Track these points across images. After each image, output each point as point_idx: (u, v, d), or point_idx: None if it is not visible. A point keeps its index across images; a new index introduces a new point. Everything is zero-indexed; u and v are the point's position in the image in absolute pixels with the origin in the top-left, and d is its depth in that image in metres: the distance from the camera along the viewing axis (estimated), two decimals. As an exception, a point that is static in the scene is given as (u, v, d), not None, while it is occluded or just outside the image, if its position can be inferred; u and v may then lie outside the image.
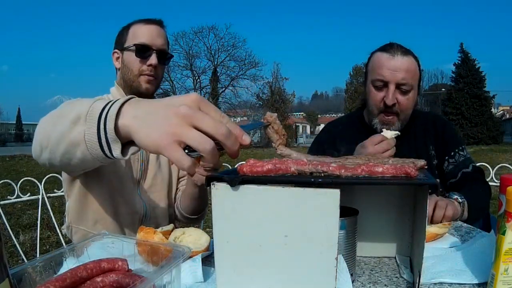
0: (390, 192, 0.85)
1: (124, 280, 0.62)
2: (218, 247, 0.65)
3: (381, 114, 1.42)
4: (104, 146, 0.62)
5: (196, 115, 0.54)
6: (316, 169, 0.63)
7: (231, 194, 0.63)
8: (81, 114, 0.65)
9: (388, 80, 1.36)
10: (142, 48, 1.20)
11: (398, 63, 1.36)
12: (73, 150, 0.68)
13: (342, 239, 0.72)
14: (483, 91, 26.10)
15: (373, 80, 1.41)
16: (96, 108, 0.63)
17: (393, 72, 1.36)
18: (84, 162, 0.70)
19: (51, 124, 0.72)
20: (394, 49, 1.39)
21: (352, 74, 40.35)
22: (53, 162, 0.77)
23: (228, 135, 0.54)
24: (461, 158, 1.48)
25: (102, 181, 1.15)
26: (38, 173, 7.51)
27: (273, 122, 0.71)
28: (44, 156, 0.77)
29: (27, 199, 1.61)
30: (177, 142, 0.53)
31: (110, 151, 0.62)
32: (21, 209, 4.73)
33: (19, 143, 35.34)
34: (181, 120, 0.53)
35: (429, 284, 0.72)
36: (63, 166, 0.79)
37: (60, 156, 0.72)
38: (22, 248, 1.63)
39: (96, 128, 0.62)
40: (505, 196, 0.66)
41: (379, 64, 1.39)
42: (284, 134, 0.73)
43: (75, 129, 0.65)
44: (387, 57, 1.38)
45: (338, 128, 1.63)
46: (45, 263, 0.64)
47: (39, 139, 0.76)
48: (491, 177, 1.79)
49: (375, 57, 1.44)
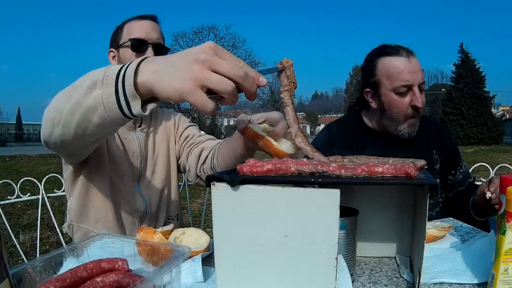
0: (390, 192, 0.85)
1: (124, 280, 0.62)
2: (218, 247, 0.65)
3: (409, 119, 1.39)
4: (123, 105, 0.64)
5: (215, 60, 0.57)
6: (316, 169, 0.63)
7: (231, 194, 0.63)
8: (97, 79, 0.66)
9: (412, 83, 1.34)
10: (137, 42, 1.19)
11: (415, 64, 1.35)
12: (90, 117, 0.69)
13: (342, 239, 0.72)
14: (483, 91, 26.08)
15: (395, 87, 1.36)
16: (112, 71, 0.65)
17: (413, 74, 1.34)
18: (101, 127, 0.71)
19: (64, 98, 0.73)
20: (405, 51, 1.37)
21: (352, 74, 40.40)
22: (66, 137, 0.77)
23: (246, 76, 0.59)
24: (460, 176, 1.54)
25: (103, 180, 1.15)
26: (38, 173, 7.52)
27: (288, 67, 0.70)
28: (56, 133, 0.78)
29: (27, 199, 1.61)
30: (199, 87, 0.57)
31: (129, 109, 0.64)
32: (21, 209, 4.73)
33: (19, 143, 35.35)
34: (201, 66, 0.57)
35: (429, 284, 0.72)
36: (76, 140, 0.79)
37: (74, 128, 0.73)
38: (22, 248, 1.63)
39: (114, 89, 0.64)
40: (505, 196, 0.66)
41: (398, 70, 1.35)
42: (294, 83, 0.71)
43: (92, 94, 0.67)
44: (404, 60, 1.35)
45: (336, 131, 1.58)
46: (45, 263, 0.64)
47: (50, 117, 0.77)
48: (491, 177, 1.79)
49: (388, 63, 1.38)
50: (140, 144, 1.25)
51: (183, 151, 1.33)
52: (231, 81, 0.57)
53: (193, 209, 4.51)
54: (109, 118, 0.67)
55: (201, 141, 1.30)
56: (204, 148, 1.25)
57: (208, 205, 1.84)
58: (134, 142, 1.24)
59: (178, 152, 1.35)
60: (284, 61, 0.71)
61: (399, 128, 1.41)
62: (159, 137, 1.31)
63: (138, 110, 0.64)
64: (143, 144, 1.25)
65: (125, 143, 1.22)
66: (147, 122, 1.29)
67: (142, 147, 1.25)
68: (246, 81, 0.59)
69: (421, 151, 1.48)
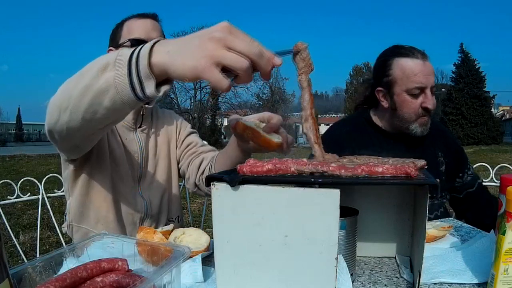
0: (390, 192, 0.85)
1: (124, 280, 0.62)
2: (218, 247, 0.65)
3: (420, 118, 1.42)
4: (136, 86, 0.64)
5: (230, 38, 0.58)
6: (316, 169, 0.63)
7: (231, 194, 0.63)
8: (109, 61, 0.66)
9: (426, 85, 1.37)
10: (137, 42, 1.17)
11: (429, 67, 1.38)
12: (100, 100, 0.68)
13: (342, 239, 0.72)
14: (483, 91, 26.08)
15: (409, 89, 1.39)
16: (124, 54, 0.65)
17: (427, 76, 1.37)
18: (111, 111, 0.70)
19: (72, 84, 0.73)
20: (420, 54, 1.39)
21: (352, 74, 40.37)
22: (73, 124, 0.77)
23: (261, 55, 0.59)
24: (468, 178, 1.56)
25: (104, 179, 1.15)
26: (38, 173, 7.52)
27: (303, 50, 0.69)
28: (63, 119, 0.77)
29: (27, 199, 1.61)
30: (214, 64, 0.57)
31: (142, 90, 0.64)
32: (21, 209, 4.73)
33: (19, 143, 35.34)
34: (216, 44, 0.57)
35: (429, 284, 0.72)
36: (83, 127, 0.78)
37: (83, 112, 0.72)
38: (22, 248, 1.63)
39: (127, 70, 0.64)
40: (505, 196, 0.66)
41: (413, 72, 1.37)
42: (310, 64, 0.70)
43: (103, 76, 0.66)
44: (419, 63, 1.38)
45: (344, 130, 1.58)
46: (45, 263, 0.64)
47: (58, 103, 0.76)
48: (491, 177, 1.79)
49: (404, 64, 1.40)
50: (140, 145, 1.24)
51: (184, 158, 1.33)
52: (246, 59, 0.58)
53: (193, 209, 4.51)
54: (121, 100, 0.67)
55: (203, 151, 1.31)
56: (205, 158, 1.26)
57: (208, 205, 1.84)
58: (134, 143, 1.23)
59: (179, 157, 1.35)
60: (299, 43, 0.70)
61: (411, 127, 1.43)
62: (160, 139, 1.31)
63: (152, 90, 0.64)
64: (143, 145, 1.25)
65: (126, 143, 1.22)
66: (147, 123, 1.28)
67: (143, 148, 1.25)
68: (261, 59, 0.59)
69: (428, 153, 1.49)
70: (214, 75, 0.57)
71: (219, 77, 0.57)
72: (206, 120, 26.51)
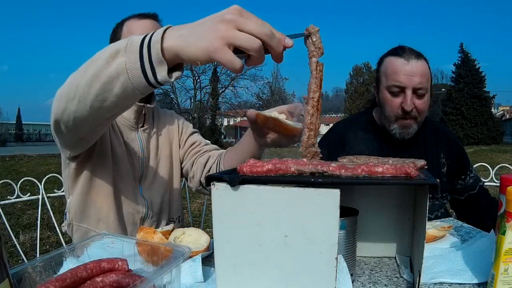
0: (390, 192, 0.85)
1: (124, 280, 0.62)
2: (218, 247, 0.65)
3: (399, 119, 1.41)
4: (148, 71, 0.64)
5: (241, 19, 0.59)
6: (316, 169, 0.63)
7: (231, 194, 0.63)
8: (120, 48, 0.67)
9: (405, 85, 1.36)
10: None
11: (413, 67, 1.35)
12: (111, 86, 0.68)
13: (342, 239, 0.72)
14: (483, 91, 26.09)
15: (388, 86, 1.39)
16: (135, 40, 0.66)
17: (409, 77, 1.35)
18: (121, 98, 0.70)
19: (80, 73, 0.73)
20: (407, 53, 1.38)
21: (352, 74, 40.36)
22: (80, 113, 0.77)
23: (272, 35, 0.60)
24: (471, 181, 1.55)
25: (105, 178, 1.15)
26: (38, 173, 7.52)
27: (313, 33, 0.69)
28: (70, 109, 0.77)
29: (27, 199, 1.60)
30: (227, 45, 0.58)
31: (154, 76, 0.64)
32: (21, 209, 4.73)
33: (19, 143, 35.34)
34: (228, 25, 0.58)
35: (429, 284, 0.72)
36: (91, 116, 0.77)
37: (92, 100, 0.72)
38: (22, 248, 1.63)
39: (138, 55, 0.64)
40: (505, 196, 0.66)
41: (394, 70, 1.38)
42: (320, 48, 0.70)
43: (114, 62, 0.67)
44: (402, 62, 1.37)
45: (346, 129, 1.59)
46: (45, 263, 0.64)
47: (65, 92, 0.76)
48: (491, 177, 1.79)
49: (388, 62, 1.42)
50: (142, 145, 1.24)
51: (188, 157, 1.33)
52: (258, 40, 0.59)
53: (193, 209, 4.51)
54: (132, 86, 0.67)
55: (208, 149, 1.32)
56: (211, 156, 1.27)
57: (208, 205, 1.84)
58: (136, 142, 1.23)
59: (182, 157, 1.35)
60: (310, 27, 0.70)
61: (391, 127, 1.44)
62: (162, 139, 1.31)
63: (164, 75, 0.64)
64: (145, 145, 1.25)
65: (127, 142, 1.22)
66: (149, 123, 1.28)
67: (144, 148, 1.25)
68: (272, 40, 0.60)
69: (429, 153, 1.49)
70: (226, 55, 0.58)
71: (232, 58, 0.59)
72: (206, 120, 26.51)
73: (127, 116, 1.21)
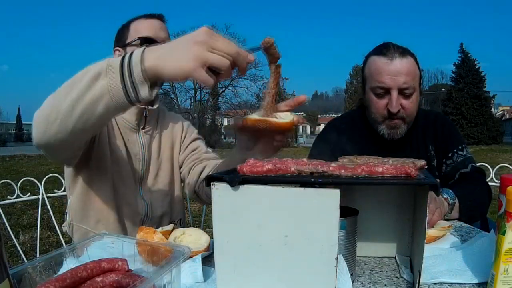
0: (390, 192, 0.85)
1: (124, 280, 0.62)
2: (218, 247, 0.65)
3: (386, 120, 1.35)
4: (130, 91, 0.70)
5: (212, 41, 0.66)
6: (316, 169, 0.63)
7: (231, 194, 0.63)
8: (101, 70, 0.71)
9: (389, 86, 1.28)
10: (146, 41, 1.16)
11: (397, 66, 1.27)
12: (94, 107, 0.73)
13: (342, 239, 0.72)
14: (483, 91, 26.11)
15: (372, 87, 1.33)
16: (114, 62, 0.71)
17: (393, 77, 1.27)
18: (103, 117, 0.76)
19: (61, 96, 0.76)
20: (391, 52, 1.30)
21: (352, 74, 40.38)
22: (62, 135, 0.79)
23: (238, 53, 0.68)
24: (460, 158, 1.42)
25: (104, 181, 1.15)
26: (38, 173, 7.51)
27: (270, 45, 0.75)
28: (51, 131, 0.79)
29: (27, 199, 1.60)
30: (201, 65, 0.65)
31: (136, 94, 0.70)
32: (21, 209, 4.73)
33: (19, 143, 35.31)
34: (201, 47, 0.65)
35: (429, 284, 0.72)
36: (71, 137, 0.80)
37: (73, 122, 0.76)
38: (22, 248, 1.63)
39: (119, 77, 0.69)
40: (505, 196, 0.66)
41: (377, 70, 1.31)
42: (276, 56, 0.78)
43: (96, 84, 0.71)
44: (385, 61, 1.29)
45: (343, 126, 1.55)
46: (45, 263, 0.64)
47: (45, 115, 0.79)
48: (491, 177, 1.78)
49: (371, 62, 1.35)
50: (143, 147, 1.23)
51: (186, 163, 1.33)
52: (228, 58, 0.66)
53: (193, 209, 4.51)
54: (114, 106, 0.72)
55: (206, 158, 1.31)
56: (207, 166, 1.26)
57: (208, 205, 1.84)
58: (137, 144, 1.23)
59: (181, 162, 1.35)
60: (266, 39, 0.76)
61: (379, 128, 1.38)
62: (164, 141, 1.30)
63: (146, 93, 0.70)
64: (146, 147, 1.24)
65: (128, 144, 1.21)
66: (152, 124, 1.27)
67: (145, 150, 1.24)
68: (239, 57, 0.68)
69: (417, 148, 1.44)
70: (202, 74, 0.66)
71: (206, 76, 0.66)
72: (206, 120, 26.51)
73: (129, 118, 1.21)
